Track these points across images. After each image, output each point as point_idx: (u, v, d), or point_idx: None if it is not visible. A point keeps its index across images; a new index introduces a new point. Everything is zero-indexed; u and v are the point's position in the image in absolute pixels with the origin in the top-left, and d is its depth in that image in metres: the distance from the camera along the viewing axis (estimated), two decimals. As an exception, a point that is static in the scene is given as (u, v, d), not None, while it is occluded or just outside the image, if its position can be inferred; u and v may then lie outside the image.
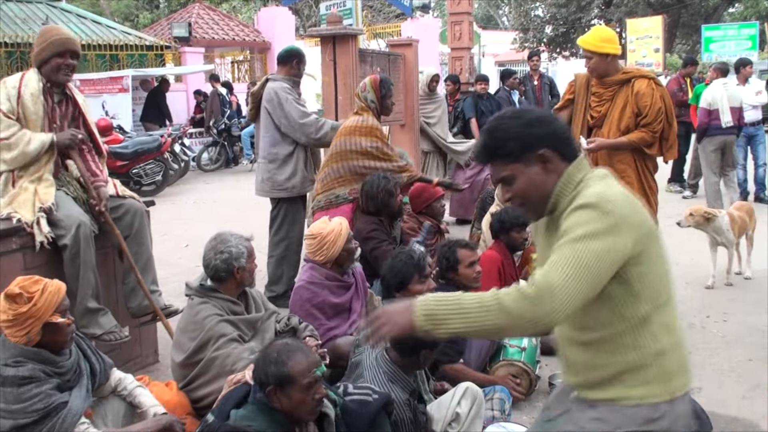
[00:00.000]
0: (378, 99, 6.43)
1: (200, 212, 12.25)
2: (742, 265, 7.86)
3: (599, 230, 2.30)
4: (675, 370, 2.44)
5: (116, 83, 17.37)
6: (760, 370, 5.36)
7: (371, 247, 5.71)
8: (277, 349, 3.22)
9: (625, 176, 5.86)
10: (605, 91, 5.99)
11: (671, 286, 2.50)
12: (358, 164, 6.32)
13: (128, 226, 5.06)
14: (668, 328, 2.45)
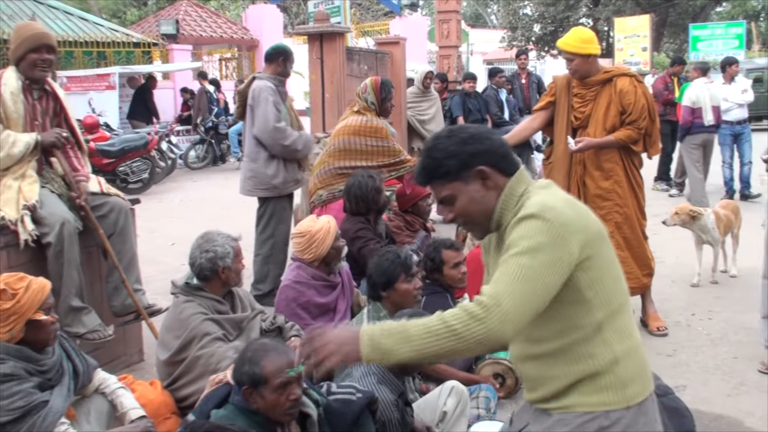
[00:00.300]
0: (378, 101, 6.63)
1: (187, 210, 12.22)
2: (728, 263, 7.90)
3: (543, 242, 2.28)
4: (630, 377, 2.42)
5: (103, 80, 17.32)
6: (745, 367, 5.39)
7: (359, 246, 5.70)
8: (252, 348, 3.20)
9: (614, 174, 5.90)
10: (587, 92, 5.98)
11: (624, 291, 2.49)
12: (365, 163, 6.55)
13: (113, 224, 5.03)
14: (622, 334, 2.44)
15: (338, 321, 4.90)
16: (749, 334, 5.93)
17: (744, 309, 6.53)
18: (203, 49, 24.39)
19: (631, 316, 2.51)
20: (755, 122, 16.57)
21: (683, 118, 11.49)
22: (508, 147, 2.53)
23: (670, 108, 12.49)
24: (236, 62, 24.67)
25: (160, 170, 14.61)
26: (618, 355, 2.40)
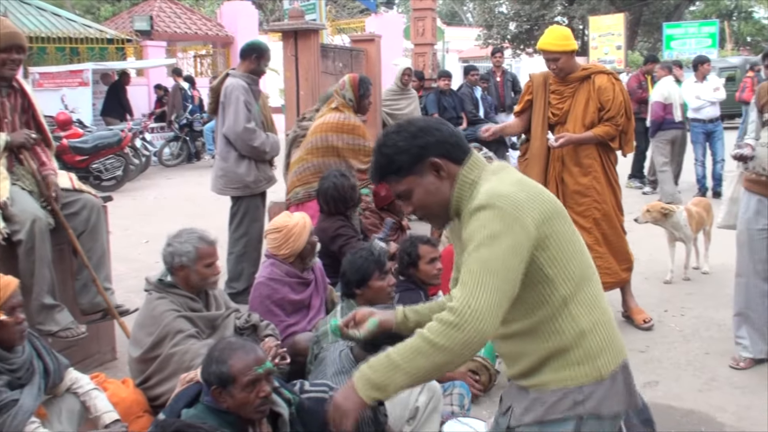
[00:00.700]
0: (356, 98, 6.56)
1: (161, 208, 12.15)
2: (700, 260, 7.96)
3: (498, 230, 2.29)
4: (600, 349, 2.44)
5: (76, 77, 17.17)
6: (716, 363, 5.44)
7: (340, 244, 5.67)
8: (219, 348, 3.17)
9: (593, 170, 5.95)
10: (566, 88, 6.00)
11: (588, 264, 2.51)
12: (343, 161, 6.47)
13: (84, 221, 4.99)
14: (589, 306, 2.46)
15: (313, 317, 4.90)
16: (721, 330, 5.99)
17: (716, 305, 6.59)
18: (178, 45, 24.26)
19: (599, 287, 2.53)
20: (728, 120, 16.72)
21: (655, 114, 11.71)
22: (458, 136, 2.55)
23: (644, 106, 12.58)
24: (211, 59, 24.55)
25: (134, 167, 14.51)
26: (585, 328, 2.43)
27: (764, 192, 5.11)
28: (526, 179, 2.49)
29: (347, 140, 6.51)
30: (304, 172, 6.52)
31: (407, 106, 10.47)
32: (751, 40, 44.35)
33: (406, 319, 2.75)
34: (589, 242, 5.86)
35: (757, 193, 5.17)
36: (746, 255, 5.29)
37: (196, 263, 4.20)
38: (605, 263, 5.95)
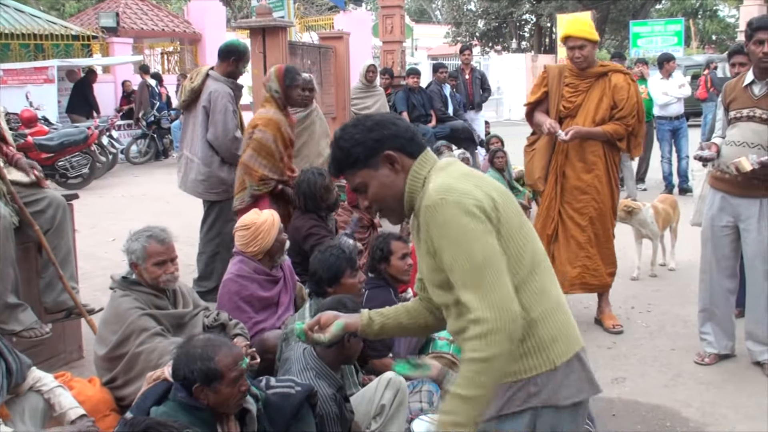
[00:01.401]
0: (282, 88, 6.12)
1: (129, 206, 12.04)
2: (667, 257, 8.05)
3: (463, 222, 2.31)
4: (552, 339, 2.43)
5: (41, 73, 17.00)
6: (682, 359, 5.51)
7: (312, 243, 5.64)
8: (200, 344, 3.16)
9: (596, 168, 5.91)
10: (581, 83, 5.94)
11: (539, 251, 2.50)
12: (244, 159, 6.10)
13: (50, 219, 4.94)
14: (541, 294, 2.45)
15: (281, 315, 4.88)
16: (686, 327, 6.06)
17: (682, 302, 6.66)
18: (144, 42, 24.05)
19: (550, 275, 2.53)
20: (694, 118, 16.91)
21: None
22: (414, 131, 2.57)
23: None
24: (178, 56, 24.37)
25: (101, 165, 14.36)
26: (536, 317, 2.42)
27: (728, 189, 5.17)
28: (473, 171, 2.51)
29: (257, 133, 6.02)
30: (240, 177, 6.19)
31: (374, 103, 10.47)
32: (717, 38, 44.92)
33: (371, 322, 2.77)
34: (581, 240, 5.98)
35: (721, 190, 5.23)
36: (710, 251, 5.35)
37: (145, 261, 4.17)
38: (593, 264, 5.98)
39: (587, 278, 6.03)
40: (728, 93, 5.26)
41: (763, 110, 4.97)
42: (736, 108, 5.13)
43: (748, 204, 5.08)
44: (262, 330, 4.74)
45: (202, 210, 6.90)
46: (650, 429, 4.49)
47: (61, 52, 19.33)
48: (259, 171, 5.95)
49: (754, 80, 5.04)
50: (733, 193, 5.16)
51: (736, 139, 5.09)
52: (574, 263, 6.00)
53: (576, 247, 6.00)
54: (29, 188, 4.92)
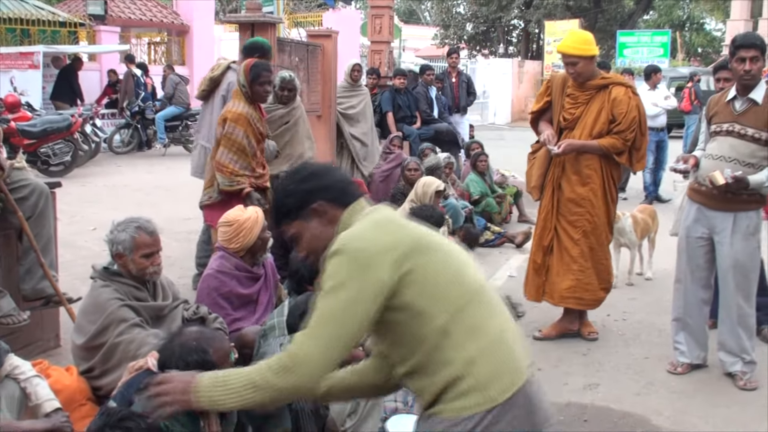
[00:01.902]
0: (247, 83, 6.02)
1: (110, 195, 12.00)
2: (644, 266, 8.13)
3: (343, 278, 2.35)
4: (491, 376, 2.38)
5: (26, 59, 16.89)
6: (655, 367, 5.58)
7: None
8: (194, 337, 3.20)
9: (591, 182, 5.86)
10: (581, 94, 5.87)
11: (469, 287, 2.47)
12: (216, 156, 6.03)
13: (32, 206, 4.93)
14: (475, 331, 2.41)
15: (261, 314, 4.90)
16: (661, 336, 6.13)
17: (657, 311, 6.74)
18: (132, 31, 23.94)
19: (490, 309, 2.48)
20: (676, 129, 17.06)
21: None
22: (347, 181, 2.62)
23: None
24: (165, 47, 24.28)
25: (84, 153, 14.28)
26: (473, 355, 2.38)
27: (704, 201, 5.25)
28: (390, 217, 2.52)
29: (228, 128, 5.94)
30: (210, 171, 6.16)
31: (359, 103, 10.46)
32: (702, 51, 45.25)
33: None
34: (574, 254, 5.94)
35: (698, 202, 5.31)
36: (684, 261, 5.43)
37: (133, 252, 4.18)
38: (586, 278, 5.94)
39: (579, 292, 5.98)
40: (711, 107, 5.35)
41: (741, 125, 5.06)
42: (717, 122, 5.22)
43: (723, 217, 5.17)
44: (239, 328, 4.74)
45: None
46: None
47: (47, 38, 19.19)
48: (230, 166, 5.90)
49: (736, 96, 5.13)
50: (708, 205, 5.24)
51: (714, 152, 5.18)
52: (566, 276, 5.96)
53: (569, 261, 5.96)
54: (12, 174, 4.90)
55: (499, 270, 8.31)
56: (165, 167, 14.92)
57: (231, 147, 5.89)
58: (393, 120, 11.56)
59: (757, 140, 5.02)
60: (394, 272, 2.35)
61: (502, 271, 8.26)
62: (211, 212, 6.10)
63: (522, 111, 34.01)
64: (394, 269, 2.35)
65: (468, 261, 2.56)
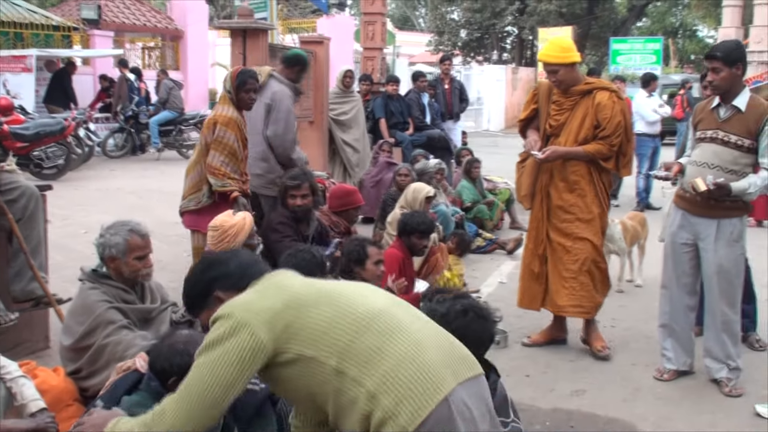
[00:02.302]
0: (234, 89, 6.03)
1: (103, 199, 12.00)
2: (634, 273, 8.16)
3: (212, 339, 2.47)
4: (396, 403, 2.35)
5: (19, 62, 16.88)
6: (642, 374, 5.60)
7: (273, 239, 5.71)
8: (182, 340, 3.24)
9: (578, 188, 5.81)
10: (566, 101, 5.81)
11: (356, 320, 2.48)
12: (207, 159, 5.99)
13: (22, 209, 4.96)
14: (371, 362, 2.41)
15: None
16: (649, 343, 6.14)
17: (646, 318, 6.75)
18: (126, 36, 23.97)
19: (384, 334, 2.47)
20: (669, 136, 17.15)
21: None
22: (247, 265, 2.76)
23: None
24: (159, 52, 24.31)
25: (77, 157, 14.28)
26: (372, 388, 2.38)
27: (688, 207, 5.30)
28: (277, 282, 2.64)
29: (219, 133, 5.90)
30: (195, 178, 6.10)
31: (351, 109, 10.53)
32: (695, 57, 45.45)
33: None
34: (568, 262, 5.86)
35: (683, 208, 5.36)
36: (671, 268, 5.47)
37: (126, 255, 4.21)
38: (581, 286, 5.86)
39: (578, 300, 5.89)
40: (697, 114, 5.40)
41: (725, 132, 5.09)
42: (702, 129, 5.26)
43: (707, 224, 5.21)
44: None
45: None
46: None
47: (40, 42, 19.20)
48: (222, 169, 5.89)
49: (720, 103, 5.17)
50: (692, 211, 5.28)
51: (697, 159, 5.23)
52: (562, 285, 5.90)
53: (563, 270, 5.89)
54: (2, 176, 4.93)
55: (490, 276, 8.34)
56: (159, 171, 14.93)
57: (223, 150, 5.89)
58: (386, 126, 11.61)
59: (740, 147, 5.06)
60: (270, 331, 2.44)
61: (493, 278, 8.29)
62: (196, 218, 6.11)
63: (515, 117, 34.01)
64: (269, 328, 2.44)
65: (361, 293, 2.61)
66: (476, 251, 9.34)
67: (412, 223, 6.21)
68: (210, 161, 5.90)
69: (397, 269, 5.95)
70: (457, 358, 2.53)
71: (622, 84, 13.21)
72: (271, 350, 2.44)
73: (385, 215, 8.01)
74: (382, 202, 8.55)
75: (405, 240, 6.22)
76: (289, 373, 2.48)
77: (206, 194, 5.97)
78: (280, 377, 2.53)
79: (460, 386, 2.43)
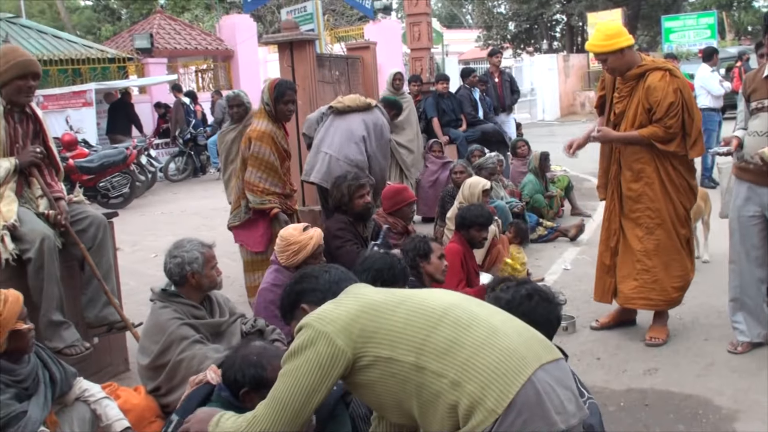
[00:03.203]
0: (272, 101, 6.10)
1: (169, 223, 12.29)
2: (700, 249, 8.04)
3: (294, 349, 2.61)
4: (482, 388, 2.38)
5: (79, 97, 17.33)
6: (715, 348, 5.55)
7: (336, 245, 5.77)
8: (255, 352, 3.33)
9: (644, 176, 5.60)
10: (624, 87, 5.62)
11: (429, 316, 2.54)
12: (245, 174, 6.13)
13: (91, 238, 5.11)
14: (449, 353, 2.45)
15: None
16: (720, 317, 6.07)
17: (716, 293, 6.66)
18: (178, 61, 24.41)
19: (457, 325, 2.52)
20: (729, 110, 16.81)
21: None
22: (333, 281, 2.90)
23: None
24: (212, 73, 24.70)
25: (141, 184, 14.66)
26: (456, 378, 2.41)
27: (753, 179, 5.20)
28: (353, 292, 2.76)
29: (254, 148, 6.05)
30: (237, 192, 6.29)
31: (404, 110, 10.57)
32: (752, 29, 44.34)
33: None
34: (639, 252, 5.67)
35: (747, 180, 5.26)
36: (738, 241, 5.39)
37: (204, 267, 4.41)
38: (652, 277, 5.65)
39: (646, 292, 5.69)
40: (748, 84, 5.29)
41: None
42: (757, 99, 5.15)
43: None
44: (296, 339, 4.84)
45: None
46: (683, 417, 4.53)
47: (98, 75, 19.69)
48: (260, 185, 6.01)
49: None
50: (759, 182, 5.18)
51: (758, 129, 5.12)
52: (630, 277, 5.74)
53: (633, 260, 5.72)
54: (71, 207, 5.10)
55: (554, 264, 8.31)
56: (220, 190, 14.97)
57: (259, 166, 6.01)
58: (438, 125, 11.64)
59: None
60: (347, 337, 2.55)
61: (557, 265, 8.26)
62: (239, 232, 6.26)
63: (570, 105, 33.83)
64: (346, 335, 2.55)
65: (431, 293, 2.72)
66: (538, 240, 9.33)
67: (469, 216, 6.23)
68: (247, 177, 6.01)
69: (459, 263, 5.99)
70: (536, 342, 2.56)
71: (675, 62, 13.04)
72: (350, 356, 2.54)
73: (444, 213, 8.05)
74: (440, 199, 8.59)
75: (464, 233, 6.25)
76: (371, 377, 2.56)
77: (244, 210, 6.09)
78: (363, 383, 2.61)
79: (542, 369, 2.45)
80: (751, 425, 4.40)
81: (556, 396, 2.42)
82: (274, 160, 6.01)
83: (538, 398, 2.38)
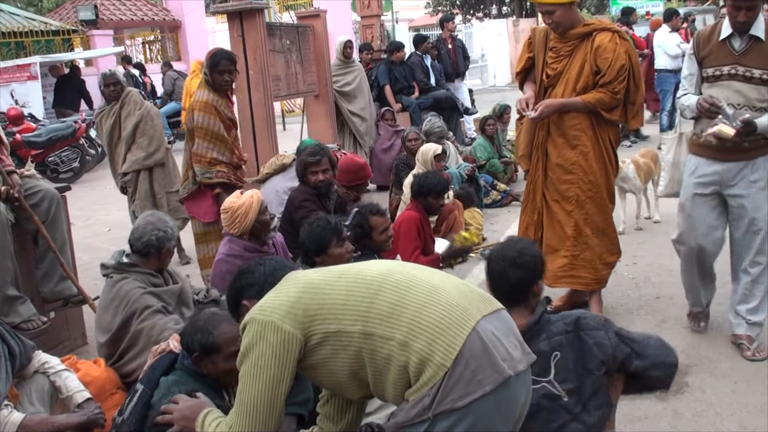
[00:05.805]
0: (209, 71, 6.00)
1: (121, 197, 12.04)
2: (651, 209, 8.20)
3: (245, 348, 2.62)
4: (429, 344, 2.41)
5: (24, 71, 17.02)
6: (667, 306, 5.68)
7: (301, 215, 5.75)
8: (204, 317, 3.33)
9: (580, 144, 5.17)
10: (563, 46, 5.16)
11: (369, 284, 2.58)
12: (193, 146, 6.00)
13: (45, 212, 5.07)
14: (393, 316, 2.48)
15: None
16: (671, 275, 6.19)
17: (667, 252, 6.68)
18: (125, 33, 24.02)
19: (398, 287, 2.55)
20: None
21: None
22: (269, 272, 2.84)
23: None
24: (160, 44, 24.35)
25: (91, 158, 14.45)
26: (403, 338, 2.45)
27: (710, 155, 4.76)
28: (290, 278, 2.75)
29: (197, 119, 5.93)
30: (185, 164, 6.21)
31: (354, 79, 10.57)
32: (699, -9, 44.77)
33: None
34: (567, 227, 5.29)
35: (703, 155, 4.82)
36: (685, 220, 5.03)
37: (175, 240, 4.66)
38: (582, 254, 5.28)
39: (575, 270, 5.31)
40: (702, 46, 4.73)
41: (745, 67, 4.51)
42: (715, 65, 4.64)
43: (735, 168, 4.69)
44: (256, 305, 4.88)
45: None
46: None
47: (42, 48, 19.30)
48: (208, 155, 5.91)
49: (733, 33, 4.56)
50: (715, 158, 4.74)
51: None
52: (559, 253, 5.32)
53: (561, 236, 5.31)
54: (23, 181, 5.04)
55: (509, 229, 8.39)
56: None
57: (205, 136, 5.91)
58: (391, 92, 11.65)
59: (766, 82, 4.47)
60: (293, 320, 2.55)
61: (511, 230, 8.32)
62: (189, 204, 6.23)
63: (521, 70, 33.87)
64: (291, 318, 2.55)
65: (366, 264, 2.76)
66: (492, 205, 9.42)
67: (427, 184, 6.25)
68: (195, 149, 5.93)
69: (416, 230, 6.03)
70: (476, 296, 2.61)
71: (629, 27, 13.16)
72: (300, 337, 2.54)
73: (399, 181, 8.06)
74: (394, 167, 8.60)
75: (421, 201, 6.27)
76: (323, 354, 2.56)
77: (192, 181, 6.04)
78: (317, 363, 2.61)
79: (484, 319, 2.50)
80: (700, 379, 4.55)
81: (500, 344, 2.48)
82: (219, 129, 5.95)
83: (484, 347, 2.43)
